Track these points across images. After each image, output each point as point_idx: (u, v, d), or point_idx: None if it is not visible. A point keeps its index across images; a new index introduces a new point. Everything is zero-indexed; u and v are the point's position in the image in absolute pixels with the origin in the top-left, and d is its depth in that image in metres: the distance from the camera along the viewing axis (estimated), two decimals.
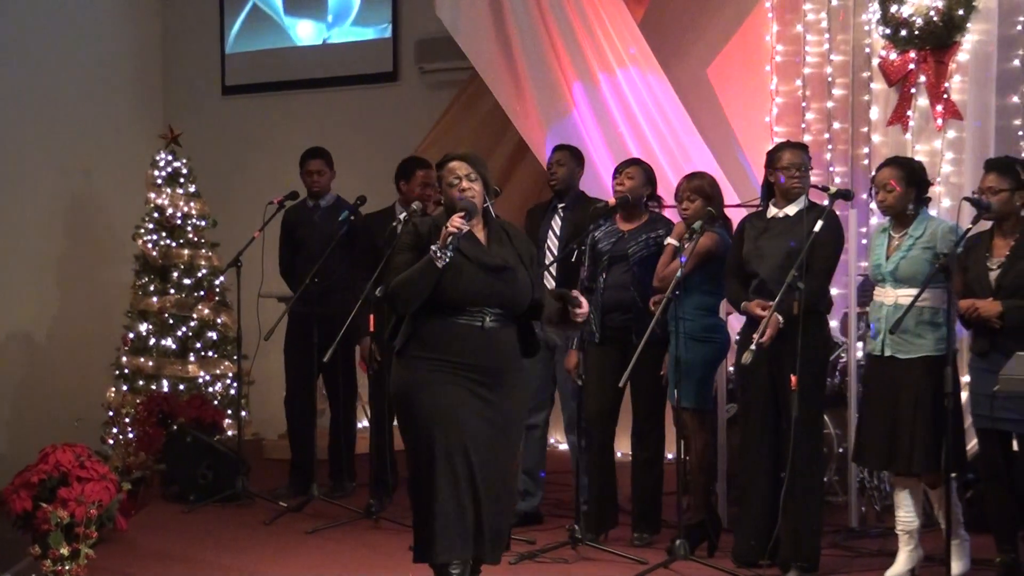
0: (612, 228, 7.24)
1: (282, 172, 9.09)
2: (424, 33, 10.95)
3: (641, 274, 7.09)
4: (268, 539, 7.51)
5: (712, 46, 9.89)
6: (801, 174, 6.50)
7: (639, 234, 7.16)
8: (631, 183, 7.21)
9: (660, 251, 7.08)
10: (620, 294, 7.11)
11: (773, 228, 6.53)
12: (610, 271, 7.14)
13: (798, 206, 6.49)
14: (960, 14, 8.34)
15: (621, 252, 7.14)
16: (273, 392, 9.04)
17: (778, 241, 6.46)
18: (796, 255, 6.24)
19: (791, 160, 6.52)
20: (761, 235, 6.56)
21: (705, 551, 6.83)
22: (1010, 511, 6.10)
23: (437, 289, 5.36)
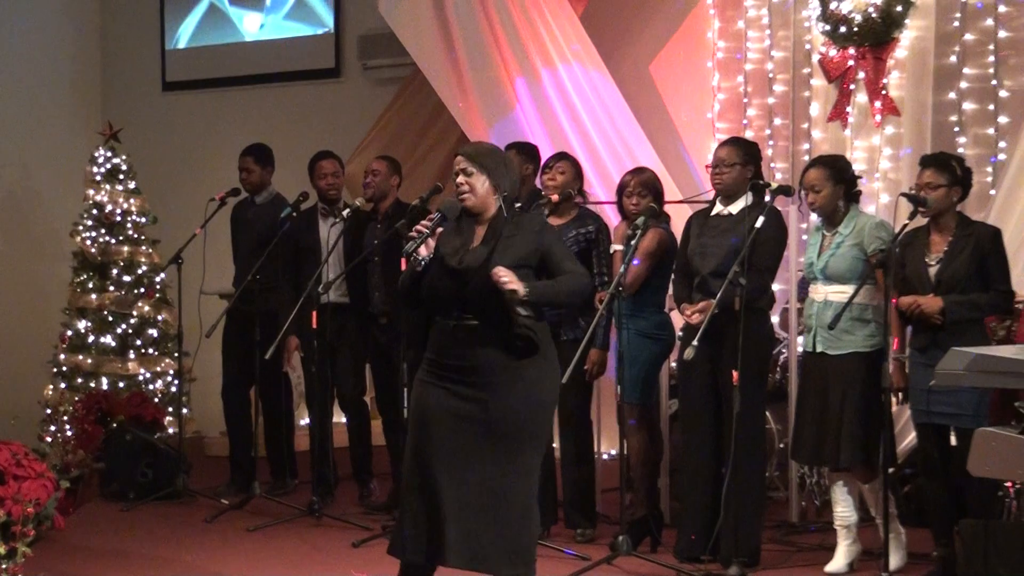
0: None
1: (226, 169, 9.04)
2: (367, 29, 10.92)
3: None
4: (209, 537, 7.45)
5: (654, 42, 9.91)
6: (726, 170, 6.50)
7: (569, 230, 7.12)
8: (563, 178, 7.19)
9: (590, 247, 7.09)
10: None
11: (717, 225, 6.54)
12: None
13: (741, 203, 6.51)
14: (898, 10, 8.42)
15: None
16: (215, 389, 8.97)
17: (720, 238, 6.48)
18: (738, 252, 6.25)
19: (718, 156, 6.56)
20: (704, 232, 6.57)
21: (648, 547, 6.83)
22: (947, 505, 6.14)
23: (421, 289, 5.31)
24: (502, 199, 5.29)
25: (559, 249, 5.33)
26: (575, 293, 5.30)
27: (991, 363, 5.05)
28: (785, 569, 6.54)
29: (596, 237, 7.13)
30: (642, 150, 9.02)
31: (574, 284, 5.25)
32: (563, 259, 5.28)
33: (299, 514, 7.70)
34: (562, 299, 5.36)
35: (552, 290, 5.23)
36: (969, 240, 6.11)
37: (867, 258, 6.27)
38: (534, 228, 5.31)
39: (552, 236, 5.35)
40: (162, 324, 9.93)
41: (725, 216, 6.55)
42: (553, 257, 5.26)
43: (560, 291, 5.25)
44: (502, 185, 5.29)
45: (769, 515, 7.21)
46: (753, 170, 6.53)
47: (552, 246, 5.29)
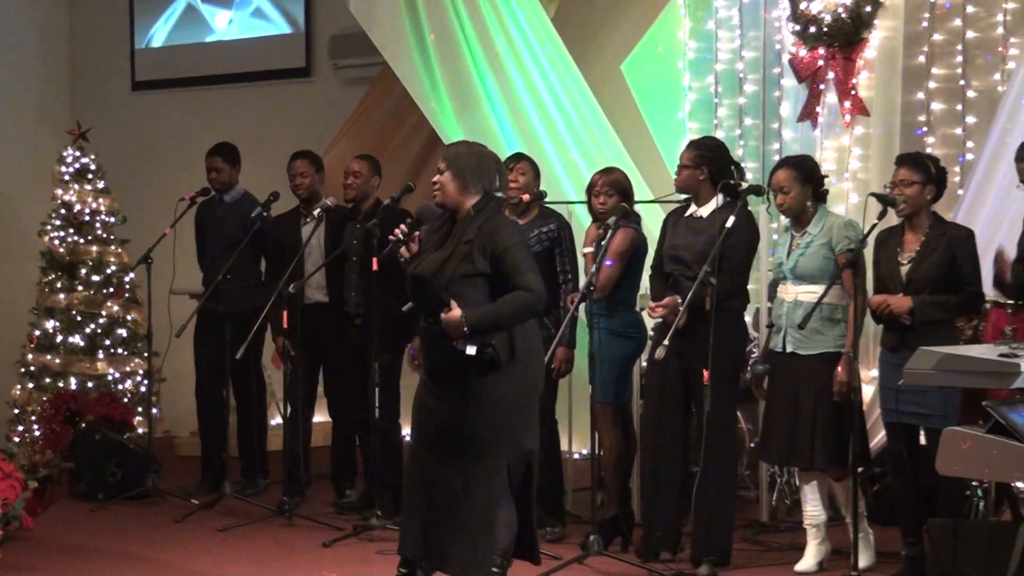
0: None
1: (195, 168, 9.01)
2: (338, 29, 10.90)
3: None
4: (179, 537, 7.43)
5: (625, 42, 9.92)
6: (686, 172, 6.55)
7: (531, 229, 7.13)
8: (525, 179, 7.23)
9: (553, 245, 7.12)
10: None
11: (692, 227, 6.56)
12: None
13: (712, 205, 6.53)
14: (868, 11, 8.44)
15: None
16: (185, 389, 8.95)
17: (692, 239, 6.50)
18: (702, 256, 6.30)
19: (681, 159, 6.59)
20: (677, 233, 6.60)
21: (619, 546, 6.84)
22: (915, 504, 6.16)
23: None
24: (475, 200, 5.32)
25: (512, 259, 5.26)
26: (519, 314, 5.25)
27: (959, 363, 5.09)
28: (755, 568, 6.56)
29: (559, 235, 7.16)
30: (613, 150, 9.03)
31: (518, 305, 5.22)
32: (514, 272, 5.23)
33: (270, 514, 7.67)
34: (504, 324, 5.24)
35: (494, 316, 5.21)
36: (942, 240, 6.14)
37: (836, 257, 6.29)
38: (493, 232, 5.27)
39: (509, 243, 5.27)
40: (131, 324, 9.90)
41: (697, 218, 6.57)
42: (505, 266, 5.24)
43: (502, 315, 5.22)
44: (472, 186, 5.31)
45: (739, 514, 7.23)
46: (706, 173, 6.54)
47: (507, 253, 5.24)
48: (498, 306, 5.21)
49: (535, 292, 5.22)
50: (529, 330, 5.39)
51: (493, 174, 5.40)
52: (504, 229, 5.33)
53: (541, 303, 5.32)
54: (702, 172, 6.55)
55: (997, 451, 4.81)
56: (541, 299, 5.28)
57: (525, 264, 5.27)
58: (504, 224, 5.39)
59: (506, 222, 5.44)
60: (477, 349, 5.16)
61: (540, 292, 5.24)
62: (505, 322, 5.22)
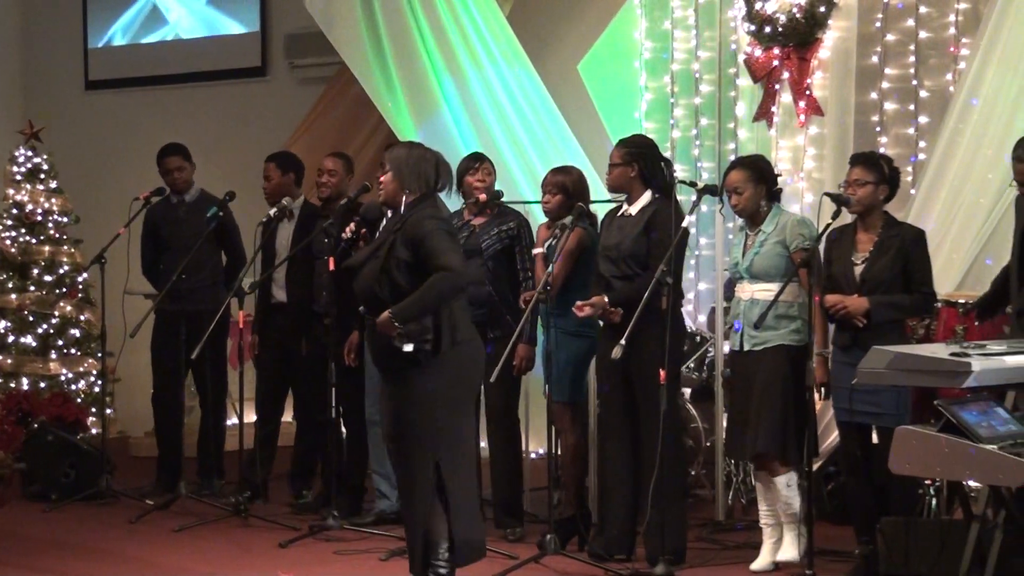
0: (461, 223, 7.21)
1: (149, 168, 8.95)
2: (294, 28, 10.86)
3: (496, 268, 7.11)
4: (134, 537, 7.38)
5: (582, 42, 9.94)
6: (609, 171, 6.59)
7: (490, 227, 7.16)
8: (491, 179, 7.26)
9: (512, 243, 7.13)
10: (475, 289, 7.10)
11: (622, 227, 6.59)
12: None
13: (642, 202, 6.56)
14: (822, 11, 8.49)
15: (475, 247, 7.12)
16: (139, 390, 8.91)
17: (620, 238, 6.53)
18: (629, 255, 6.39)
19: (611, 157, 6.63)
20: (609, 235, 6.62)
21: (576, 545, 6.84)
22: (868, 503, 6.19)
23: None
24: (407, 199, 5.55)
25: (431, 243, 5.42)
26: (442, 293, 5.42)
27: (911, 362, 5.12)
28: (711, 567, 6.57)
29: (518, 233, 7.19)
30: (569, 149, 9.04)
31: (438, 285, 5.39)
32: (432, 256, 5.41)
33: (226, 514, 7.64)
34: (430, 306, 5.42)
35: (419, 302, 5.39)
36: (894, 240, 6.17)
37: (791, 255, 6.32)
38: (416, 223, 5.46)
39: (429, 229, 5.44)
40: (84, 324, 9.85)
41: (627, 216, 6.60)
42: (425, 252, 5.42)
43: (426, 299, 5.40)
44: (410, 186, 5.54)
45: (696, 513, 7.26)
46: (636, 169, 6.56)
47: (426, 239, 5.42)
48: (420, 291, 5.39)
49: (453, 269, 5.39)
50: (461, 325, 5.54)
51: (432, 175, 5.61)
52: (426, 219, 5.50)
53: (461, 279, 5.47)
54: (633, 169, 6.57)
55: (948, 450, 4.83)
56: (460, 275, 5.44)
57: (443, 247, 5.43)
58: (427, 215, 5.54)
59: (429, 213, 5.56)
60: (415, 346, 5.34)
61: (458, 269, 5.41)
62: (430, 304, 5.40)
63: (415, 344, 5.36)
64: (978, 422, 4.86)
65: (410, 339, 5.35)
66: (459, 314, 5.55)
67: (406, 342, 5.34)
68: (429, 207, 5.58)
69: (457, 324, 5.50)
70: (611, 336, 6.37)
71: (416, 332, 5.38)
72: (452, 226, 5.65)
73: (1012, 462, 4.70)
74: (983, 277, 7.48)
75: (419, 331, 5.38)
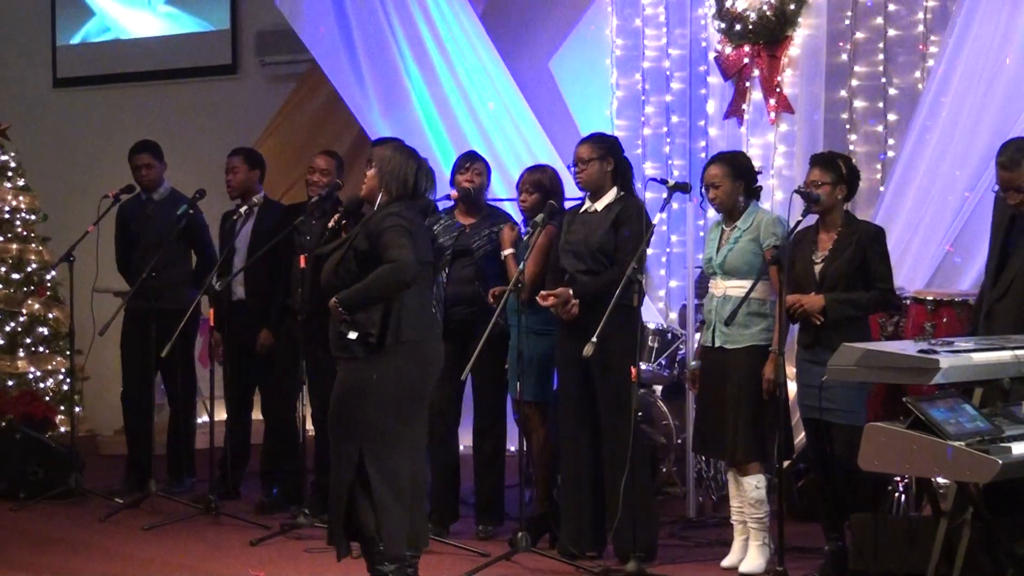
0: (451, 222, 7.21)
1: (119, 166, 8.92)
2: (264, 25, 10.83)
3: (486, 268, 7.11)
4: (103, 536, 7.35)
5: (553, 39, 9.96)
6: (584, 167, 6.57)
7: (481, 228, 7.17)
8: (480, 179, 7.24)
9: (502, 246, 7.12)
10: (464, 288, 7.11)
11: (586, 223, 6.59)
12: (453, 265, 7.13)
13: (607, 199, 6.56)
14: (792, 8, 8.52)
15: (465, 247, 7.14)
16: (109, 388, 8.88)
17: (587, 234, 6.53)
18: (598, 250, 6.39)
19: (577, 154, 6.64)
20: (571, 231, 6.62)
21: (547, 543, 6.85)
22: (837, 500, 6.21)
23: None
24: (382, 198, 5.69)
25: (385, 238, 5.55)
26: (385, 283, 5.55)
27: (880, 359, 5.14)
28: (682, 564, 6.58)
29: None
30: (540, 147, 9.05)
31: (381, 275, 5.53)
32: (383, 249, 5.56)
33: (196, 512, 7.62)
34: (373, 295, 5.57)
35: (363, 290, 5.55)
36: (853, 238, 6.19)
37: (764, 252, 6.34)
38: (378, 219, 5.62)
39: (386, 225, 5.58)
40: (53, 322, 9.83)
41: (592, 213, 6.60)
42: (379, 246, 5.56)
43: (369, 287, 5.53)
44: (389, 186, 5.66)
45: (667, 510, 7.27)
46: (613, 163, 6.58)
47: (382, 234, 5.55)
48: (366, 280, 5.54)
49: (397, 261, 5.50)
50: (413, 324, 5.61)
51: (411, 180, 5.73)
52: (389, 216, 5.63)
53: (405, 271, 5.53)
54: (609, 163, 6.57)
55: (917, 447, 4.85)
56: (404, 267, 5.52)
57: (396, 241, 5.55)
58: (392, 212, 5.66)
59: (395, 211, 5.67)
60: (358, 335, 5.49)
61: (403, 261, 5.50)
62: (373, 292, 5.55)
63: (358, 333, 5.50)
64: (946, 419, 4.88)
65: (355, 327, 5.51)
66: (415, 314, 5.62)
67: (351, 329, 5.51)
68: (397, 206, 5.66)
69: (407, 322, 5.59)
70: (568, 333, 6.39)
71: (363, 322, 5.53)
72: (416, 227, 5.67)
73: (980, 459, 4.73)
74: (952, 275, 7.53)
75: (366, 322, 5.52)
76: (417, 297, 5.67)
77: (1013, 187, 5.71)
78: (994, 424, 4.97)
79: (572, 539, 6.57)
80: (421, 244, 5.68)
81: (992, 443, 4.81)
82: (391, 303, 5.55)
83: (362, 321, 5.53)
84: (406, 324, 5.59)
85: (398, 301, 5.56)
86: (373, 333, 5.50)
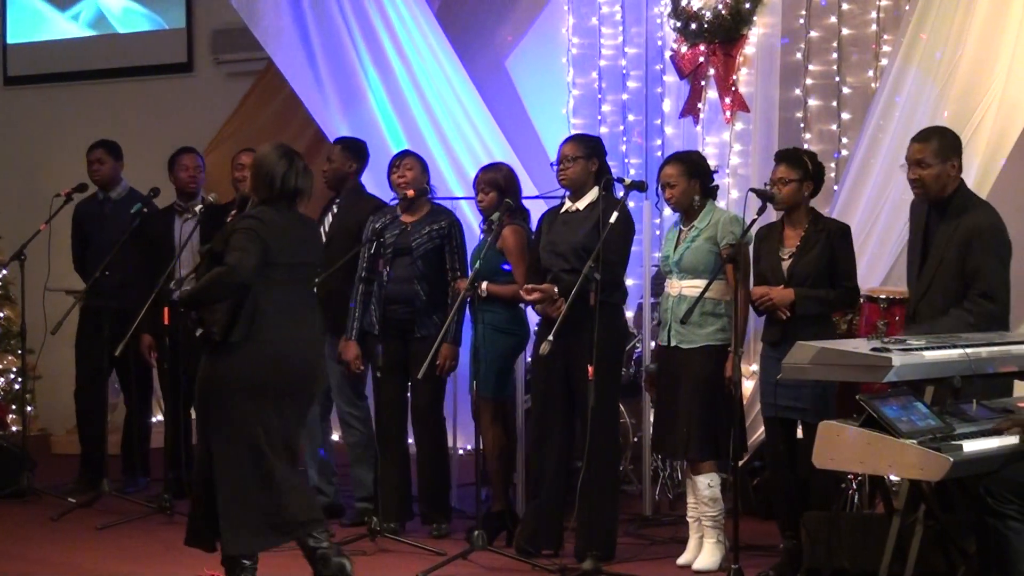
0: (394, 220, 7.20)
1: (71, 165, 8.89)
2: (219, 23, 10.79)
3: (425, 268, 7.09)
4: (56, 536, 7.31)
5: (509, 37, 9.94)
6: (570, 165, 6.56)
7: (422, 226, 7.15)
8: (412, 174, 7.23)
9: (443, 243, 7.11)
10: (404, 287, 7.09)
11: (567, 222, 6.59)
12: (394, 264, 7.11)
13: (589, 199, 6.56)
14: (747, 7, 8.54)
15: (405, 245, 7.12)
16: (61, 387, 8.82)
17: (569, 235, 6.53)
18: (584, 248, 6.34)
19: (562, 152, 6.63)
20: (553, 230, 6.62)
21: (503, 541, 6.85)
22: (792, 498, 6.24)
23: None
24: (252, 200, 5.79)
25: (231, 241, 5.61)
26: (213, 285, 5.58)
27: (834, 356, 5.17)
28: (639, 562, 6.59)
29: (449, 232, 7.17)
30: (497, 145, 9.04)
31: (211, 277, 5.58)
32: (227, 251, 5.61)
33: (150, 512, 7.58)
34: (204, 296, 5.61)
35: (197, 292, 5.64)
36: (821, 235, 6.22)
37: (720, 252, 6.35)
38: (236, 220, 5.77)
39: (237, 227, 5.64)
40: (4, 321, 9.77)
41: (574, 212, 6.60)
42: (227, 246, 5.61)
43: (201, 288, 5.62)
44: (257, 188, 5.74)
45: (623, 508, 7.27)
46: (597, 164, 6.59)
47: (232, 236, 5.62)
48: (200, 281, 5.64)
49: (227, 265, 5.58)
50: (269, 325, 5.60)
51: (277, 180, 5.72)
52: (243, 219, 5.72)
53: (234, 274, 5.56)
54: (594, 163, 6.58)
55: (870, 444, 4.88)
56: (233, 271, 5.56)
57: (236, 244, 5.61)
58: (247, 215, 5.74)
59: (251, 213, 5.73)
60: (201, 332, 5.58)
61: (232, 266, 5.56)
62: (203, 294, 5.61)
63: (202, 330, 5.58)
64: (898, 417, 4.91)
65: (200, 324, 5.57)
66: (272, 314, 5.61)
67: (196, 326, 5.59)
68: (260, 209, 5.71)
69: (261, 321, 5.58)
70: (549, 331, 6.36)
71: (208, 319, 5.56)
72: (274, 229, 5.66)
73: (932, 457, 4.75)
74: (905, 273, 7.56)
75: (210, 319, 5.56)
76: (278, 296, 5.65)
77: (915, 160, 5.83)
78: (945, 422, 5.00)
79: (529, 537, 6.57)
80: (280, 245, 5.64)
81: (943, 441, 4.84)
82: (241, 302, 5.55)
83: (206, 318, 5.57)
84: (260, 323, 5.58)
85: (251, 301, 5.56)
86: (215, 331, 5.52)
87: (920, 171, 5.83)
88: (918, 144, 5.90)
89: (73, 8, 11.62)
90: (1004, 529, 4.84)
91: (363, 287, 7.15)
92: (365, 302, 7.15)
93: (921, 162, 5.83)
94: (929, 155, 5.82)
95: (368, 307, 7.13)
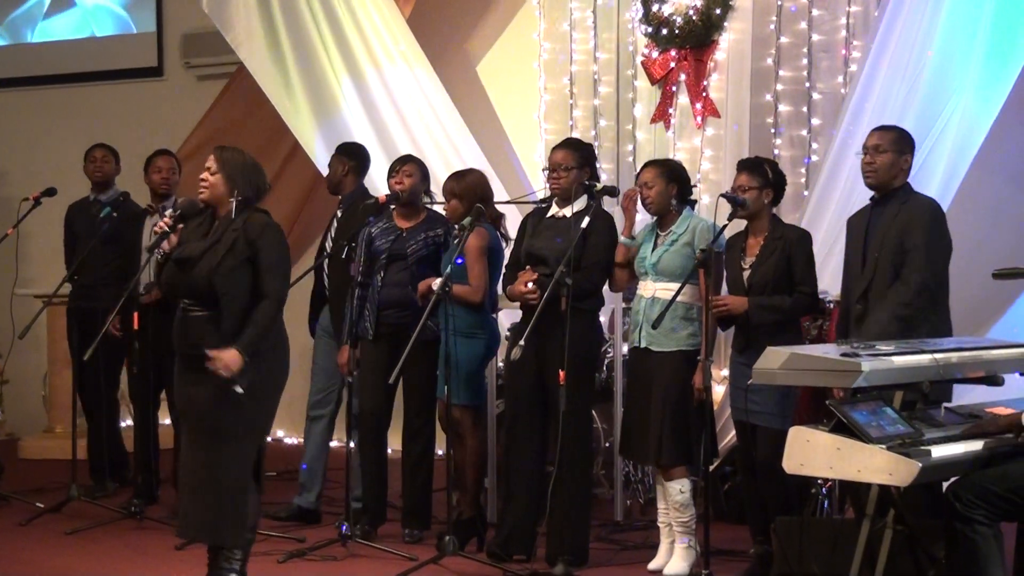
0: (390, 226, 7.18)
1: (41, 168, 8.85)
2: (190, 28, 10.77)
3: (420, 273, 7.07)
4: (24, 540, 7.28)
5: (481, 43, 9.98)
6: (563, 174, 6.56)
7: (418, 233, 7.14)
8: (411, 181, 7.19)
9: (438, 250, 7.10)
10: (397, 292, 7.08)
11: (552, 227, 6.59)
12: (388, 269, 7.10)
13: (577, 206, 6.56)
14: (718, 13, 8.58)
15: (400, 251, 7.11)
16: (28, 391, 8.77)
17: (552, 241, 6.53)
18: (560, 254, 6.33)
19: (554, 160, 6.62)
20: (536, 234, 6.62)
21: (475, 546, 6.85)
22: (763, 503, 6.25)
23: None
24: (236, 201, 5.63)
25: (265, 258, 5.58)
26: (269, 323, 5.57)
27: (803, 362, 5.17)
28: (610, 567, 6.60)
29: (445, 240, 7.15)
30: (469, 151, 9.05)
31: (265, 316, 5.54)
32: (263, 272, 5.57)
33: (119, 516, 7.55)
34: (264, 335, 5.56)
35: (255, 334, 5.52)
36: (778, 243, 6.24)
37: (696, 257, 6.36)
38: (256, 226, 5.60)
39: (263, 242, 5.58)
40: None
41: (560, 218, 6.60)
42: (259, 263, 5.57)
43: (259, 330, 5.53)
44: (239, 188, 5.63)
45: (594, 513, 7.27)
46: (589, 172, 6.60)
47: (261, 251, 5.57)
48: (254, 324, 5.53)
49: (270, 297, 5.57)
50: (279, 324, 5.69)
51: (263, 185, 5.75)
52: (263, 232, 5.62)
53: (278, 305, 5.61)
54: (586, 173, 6.58)
55: (840, 449, 4.90)
56: (276, 302, 5.60)
57: (274, 264, 5.61)
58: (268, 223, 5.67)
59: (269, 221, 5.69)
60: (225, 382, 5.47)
61: (275, 295, 5.59)
62: (264, 333, 5.56)
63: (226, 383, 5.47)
64: (868, 422, 4.92)
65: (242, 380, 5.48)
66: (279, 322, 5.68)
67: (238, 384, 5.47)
68: (263, 214, 5.71)
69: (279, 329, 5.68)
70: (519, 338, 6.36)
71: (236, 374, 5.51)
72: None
73: (900, 462, 4.77)
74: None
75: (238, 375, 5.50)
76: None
77: (872, 145, 6.07)
78: (914, 427, 5.02)
79: (501, 542, 6.57)
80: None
81: (912, 446, 4.86)
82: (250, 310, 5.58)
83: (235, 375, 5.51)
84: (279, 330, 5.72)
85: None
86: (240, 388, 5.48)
87: (876, 156, 6.05)
88: (878, 132, 6.16)
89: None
90: (972, 533, 4.86)
91: (358, 291, 7.13)
92: (359, 307, 7.14)
93: (878, 147, 6.06)
94: (887, 143, 6.07)
95: (363, 312, 7.11)
